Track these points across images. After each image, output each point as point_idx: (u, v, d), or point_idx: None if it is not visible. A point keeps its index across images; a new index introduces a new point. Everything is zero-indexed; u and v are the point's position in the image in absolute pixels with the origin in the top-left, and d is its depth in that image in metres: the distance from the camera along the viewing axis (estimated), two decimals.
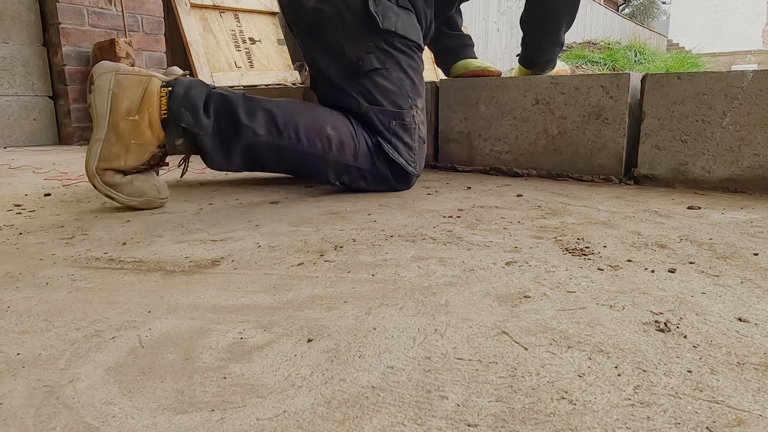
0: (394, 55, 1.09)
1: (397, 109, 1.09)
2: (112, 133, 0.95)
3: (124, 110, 0.95)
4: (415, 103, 1.12)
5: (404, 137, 1.10)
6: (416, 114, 1.12)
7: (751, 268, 0.64)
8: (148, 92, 0.96)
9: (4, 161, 1.84)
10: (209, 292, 0.58)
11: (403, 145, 1.10)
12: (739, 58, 12.28)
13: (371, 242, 0.77)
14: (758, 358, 0.42)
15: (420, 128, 1.14)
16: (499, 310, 0.52)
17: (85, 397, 0.38)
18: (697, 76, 1.13)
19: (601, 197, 1.08)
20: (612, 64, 6.89)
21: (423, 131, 1.15)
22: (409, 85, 1.11)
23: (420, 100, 1.14)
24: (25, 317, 0.52)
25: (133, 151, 0.96)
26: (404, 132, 1.10)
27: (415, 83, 1.12)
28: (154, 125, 0.96)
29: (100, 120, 0.95)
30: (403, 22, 1.10)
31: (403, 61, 1.10)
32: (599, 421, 0.34)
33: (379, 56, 1.08)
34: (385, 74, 1.08)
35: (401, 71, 1.10)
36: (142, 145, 0.96)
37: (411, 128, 1.11)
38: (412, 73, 1.12)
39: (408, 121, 1.10)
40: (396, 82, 1.09)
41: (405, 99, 1.10)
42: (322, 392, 0.38)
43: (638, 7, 20.92)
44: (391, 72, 1.09)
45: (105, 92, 0.94)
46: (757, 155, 1.08)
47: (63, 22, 2.47)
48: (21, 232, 0.85)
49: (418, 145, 1.14)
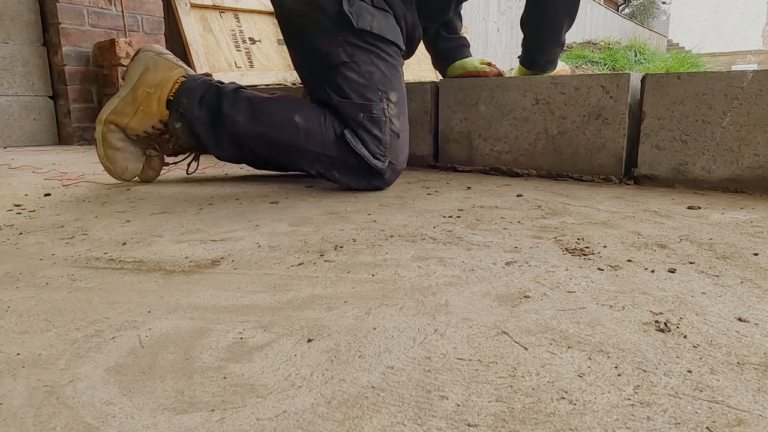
0: (365, 49, 1.09)
1: (366, 102, 1.09)
2: (130, 95, 1.18)
3: (146, 83, 1.18)
4: (387, 96, 1.11)
5: (372, 129, 1.09)
6: (388, 107, 1.11)
7: (751, 268, 0.64)
8: (168, 76, 1.18)
9: (4, 161, 1.84)
10: (209, 292, 0.58)
11: (370, 137, 1.09)
12: (739, 58, 12.28)
13: (371, 242, 0.77)
14: (758, 358, 0.42)
15: (392, 121, 1.12)
16: (499, 310, 0.52)
17: (85, 397, 0.38)
18: (697, 76, 1.13)
19: (601, 197, 1.08)
20: (612, 64, 6.89)
21: (398, 125, 1.13)
22: (379, 77, 1.10)
23: (394, 94, 1.12)
24: (25, 317, 0.52)
25: (138, 116, 1.18)
26: (372, 124, 1.09)
27: (386, 76, 1.11)
28: (161, 102, 1.17)
29: (128, 83, 1.19)
30: (379, 21, 1.10)
31: (373, 55, 1.10)
32: (599, 421, 0.34)
33: (347, 50, 1.08)
34: (353, 67, 1.08)
35: (371, 64, 1.09)
36: (147, 113, 1.18)
37: (380, 121, 1.10)
38: (384, 66, 1.11)
39: (377, 113, 1.09)
40: (365, 74, 1.09)
41: (374, 92, 1.09)
42: (322, 392, 0.38)
43: (638, 7, 20.93)
44: (360, 65, 1.08)
45: (141, 65, 1.19)
46: (757, 155, 1.08)
47: (63, 22, 2.47)
48: (21, 232, 0.85)
49: (391, 139, 1.12)
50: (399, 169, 1.17)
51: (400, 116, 1.14)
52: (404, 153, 1.17)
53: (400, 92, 1.15)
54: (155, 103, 1.17)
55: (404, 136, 1.16)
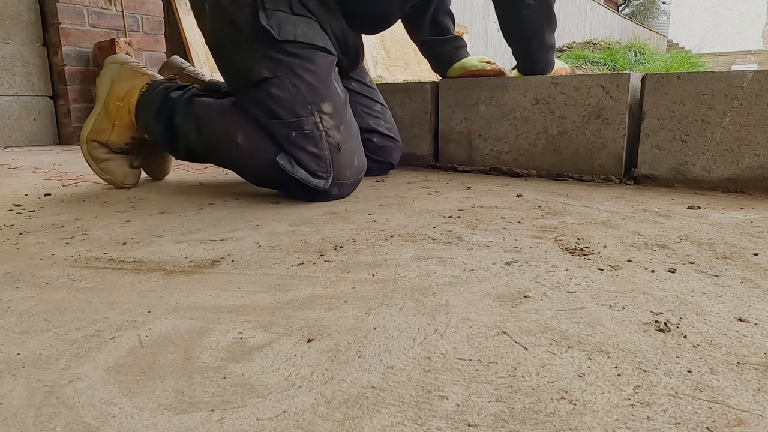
0: (287, 61, 1.01)
1: (296, 119, 1.00)
2: (104, 111, 1.19)
3: (115, 96, 1.19)
4: (319, 108, 1.02)
5: (308, 147, 1.00)
6: (321, 120, 1.02)
7: (751, 268, 0.64)
8: (133, 86, 1.19)
9: (4, 161, 1.84)
10: (209, 292, 0.58)
11: (307, 156, 1.01)
12: (739, 58, 12.27)
13: (371, 242, 0.77)
14: (758, 358, 0.42)
15: (329, 134, 1.02)
16: (499, 310, 0.52)
17: (85, 397, 0.38)
18: (697, 76, 1.13)
19: (601, 197, 1.08)
20: (612, 64, 6.89)
21: (338, 136, 1.03)
22: (306, 90, 1.01)
23: (327, 104, 1.03)
24: (25, 317, 0.52)
25: (116, 130, 1.19)
26: (307, 141, 1.00)
27: (315, 87, 1.02)
28: (131, 113, 1.19)
29: (100, 100, 1.20)
30: (303, 29, 1.03)
31: (297, 67, 1.02)
32: (599, 421, 0.34)
33: (269, 65, 1.01)
34: (277, 83, 1.00)
35: (296, 77, 1.01)
36: (122, 126, 1.19)
37: (315, 136, 1.01)
38: (312, 77, 1.02)
39: (309, 129, 1.01)
40: (290, 89, 1.01)
41: (303, 106, 1.01)
42: (322, 392, 0.38)
43: (638, 7, 20.93)
44: (284, 80, 1.00)
45: (107, 79, 1.20)
46: (757, 155, 1.08)
47: (63, 22, 2.47)
48: (21, 232, 0.85)
49: (330, 153, 1.02)
50: (348, 182, 1.08)
51: (339, 126, 1.04)
52: (352, 166, 1.07)
53: (337, 101, 1.05)
54: (127, 115, 1.18)
55: (348, 148, 1.05)
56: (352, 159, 1.07)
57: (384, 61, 4.28)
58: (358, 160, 1.09)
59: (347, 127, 1.06)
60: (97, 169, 1.21)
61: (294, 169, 1.01)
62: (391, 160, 1.41)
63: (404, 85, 1.59)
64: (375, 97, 1.39)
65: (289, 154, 1.02)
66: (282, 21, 1.01)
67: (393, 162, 1.42)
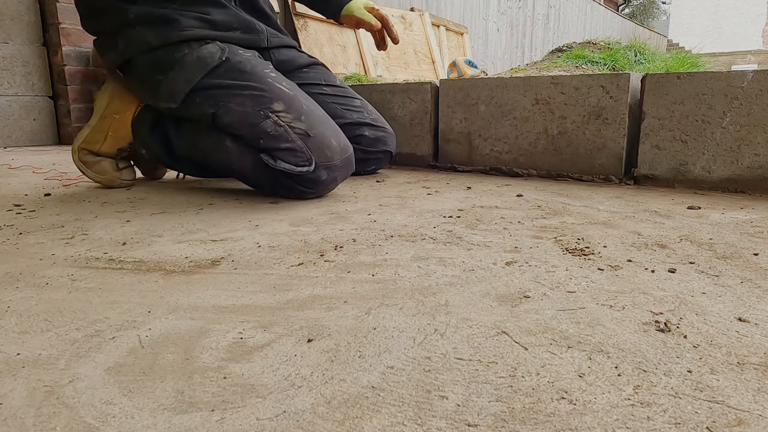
0: (215, 86, 1.05)
1: (256, 127, 1.03)
2: (99, 123, 1.23)
3: (113, 110, 1.23)
4: (270, 109, 1.04)
5: (280, 144, 1.03)
6: (278, 117, 1.03)
7: (751, 268, 0.64)
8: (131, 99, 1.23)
9: (4, 161, 1.84)
10: (209, 292, 0.58)
11: (283, 152, 1.03)
12: (739, 58, 12.27)
13: (371, 242, 0.77)
14: (758, 358, 0.42)
15: (292, 126, 1.04)
16: (499, 310, 0.52)
17: (85, 397, 0.38)
18: (697, 76, 1.13)
19: (601, 197, 1.08)
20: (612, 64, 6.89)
21: (302, 125, 1.04)
22: (250, 102, 1.04)
23: (278, 103, 1.04)
24: (25, 317, 0.52)
25: (108, 141, 1.23)
26: (276, 140, 1.03)
27: (255, 95, 1.04)
28: (127, 126, 1.24)
29: (97, 113, 1.23)
30: (173, 79, 1.07)
31: (229, 88, 1.05)
32: (599, 421, 0.34)
33: (207, 102, 1.06)
34: (224, 109, 1.04)
35: (236, 96, 1.05)
36: (116, 138, 1.23)
37: (280, 134, 1.03)
38: (246, 88, 1.05)
39: (271, 129, 1.03)
40: (236, 109, 1.04)
41: (256, 116, 1.03)
42: (322, 392, 0.38)
43: (638, 7, 20.92)
44: (227, 104, 1.04)
45: (107, 94, 1.24)
46: (757, 155, 1.08)
47: (63, 22, 2.47)
48: (21, 232, 0.85)
49: (303, 141, 1.04)
50: (336, 164, 1.07)
51: (300, 117, 1.05)
52: (331, 147, 1.06)
53: (284, 95, 1.06)
54: (123, 128, 1.23)
55: (318, 132, 1.05)
56: (328, 140, 1.06)
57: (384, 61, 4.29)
58: (337, 141, 1.08)
59: (309, 115, 1.07)
60: (92, 174, 1.24)
61: (277, 163, 1.03)
62: (388, 149, 1.41)
63: (404, 85, 1.59)
64: (350, 94, 1.40)
65: (268, 155, 1.05)
66: (168, 86, 1.08)
67: (391, 150, 1.43)
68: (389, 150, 1.42)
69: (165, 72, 1.08)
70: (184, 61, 1.07)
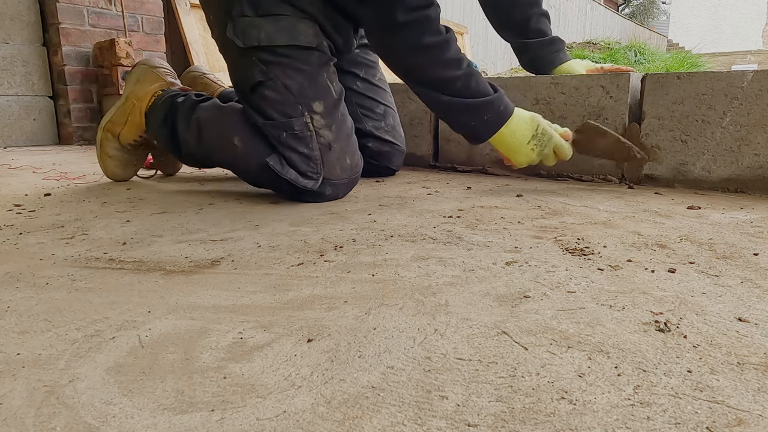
0: (277, 63, 1.01)
1: (287, 119, 1.01)
2: (123, 105, 1.27)
3: (134, 94, 1.26)
4: (310, 107, 1.02)
5: (298, 147, 1.01)
6: (312, 120, 1.02)
7: (751, 268, 0.64)
8: (148, 89, 1.26)
9: (4, 161, 1.84)
10: (209, 292, 0.58)
11: (298, 156, 1.02)
12: (739, 58, 12.26)
13: (371, 242, 0.77)
14: (758, 358, 0.42)
15: (320, 133, 1.03)
16: (499, 310, 0.52)
17: (85, 397, 0.38)
18: (697, 76, 1.13)
19: (601, 197, 1.08)
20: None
21: (329, 136, 1.04)
22: (297, 90, 1.01)
23: (318, 103, 1.03)
24: (25, 317, 0.52)
25: (128, 126, 1.27)
26: (297, 142, 1.01)
27: (305, 87, 1.02)
28: (141, 115, 1.25)
29: (125, 93, 1.28)
30: (267, 32, 1.01)
31: (289, 68, 1.02)
32: (599, 421, 0.34)
33: (261, 68, 1.02)
34: (270, 85, 1.01)
35: (287, 78, 1.01)
36: (133, 124, 1.27)
37: (305, 137, 1.02)
38: (302, 76, 1.02)
39: (299, 129, 1.01)
40: (281, 91, 1.01)
41: (294, 107, 1.01)
42: (322, 392, 0.38)
43: (638, 7, 20.93)
44: (276, 81, 1.01)
45: (134, 78, 1.28)
46: (757, 155, 1.08)
47: (63, 22, 2.47)
48: (21, 232, 0.85)
49: (321, 153, 1.03)
50: (342, 182, 1.07)
51: (330, 126, 1.04)
52: (344, 166, 1.06)
53: (329, 99, 1.04)
54: (138, 115, 1.26)
55: (339, 147, 1.05)
56: (343, 158, 1.06)
57: None
58: (351, 160, 1.08)
59: (339, 126, 1.06)
60: (99, 157, 1.33)
61: (284, 170, 1.02)
62: (390, 165, 1.37)
63: (404, 85, 1.59)
64: (380, 97, 1.35)
65: (280, 155, 1.03)
66: (247, 27, 1.01)
67: (393, 168, 1.39)
68: (391, 168, 1.38)
69: (259, 14, 1.02)
70: (280, 19, 1.02)
